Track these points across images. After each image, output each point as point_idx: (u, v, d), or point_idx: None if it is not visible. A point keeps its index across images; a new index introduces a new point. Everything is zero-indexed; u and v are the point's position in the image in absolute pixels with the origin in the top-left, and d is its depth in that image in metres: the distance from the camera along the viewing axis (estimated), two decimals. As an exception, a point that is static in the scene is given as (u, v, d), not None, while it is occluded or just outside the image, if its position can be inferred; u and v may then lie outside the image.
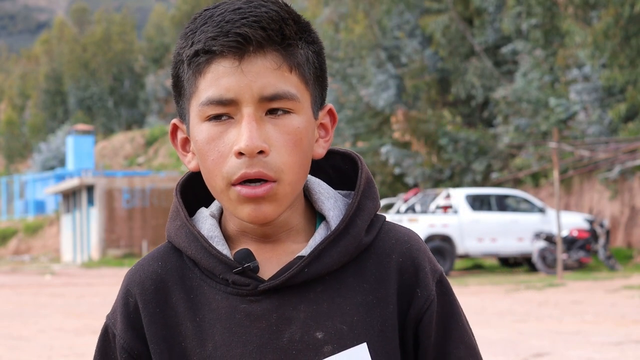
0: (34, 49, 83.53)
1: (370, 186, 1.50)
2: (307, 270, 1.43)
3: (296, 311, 1.43)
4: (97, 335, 1.57)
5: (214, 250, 1.45)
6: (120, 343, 1.49)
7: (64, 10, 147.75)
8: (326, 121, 1.49)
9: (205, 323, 1.45)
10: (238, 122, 1.39)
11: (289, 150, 1.40)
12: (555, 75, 28.15)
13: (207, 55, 1.40)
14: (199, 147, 1.43)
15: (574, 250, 22.00)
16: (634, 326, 11.53)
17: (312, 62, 1.44)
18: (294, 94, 1.41)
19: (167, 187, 39.26)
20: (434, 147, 29.66)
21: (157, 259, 1.51)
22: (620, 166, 24.72)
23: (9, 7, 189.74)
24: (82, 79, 63.69)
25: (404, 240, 1.48)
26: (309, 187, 1.50)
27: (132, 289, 1.50)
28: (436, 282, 1.48)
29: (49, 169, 57.50)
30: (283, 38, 1.40)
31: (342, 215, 1.47)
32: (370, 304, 1.44)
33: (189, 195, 1.54)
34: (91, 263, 36.66)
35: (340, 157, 1.54)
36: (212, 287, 1.46)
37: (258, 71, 1.39)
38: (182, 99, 1.46)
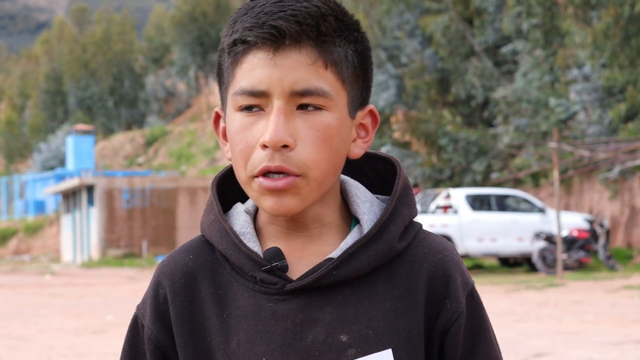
0: (34, 49, 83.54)
1: (407, 192, 1.49)
2: (335, 272, 1.42)
3: (322, 313, 1.42)
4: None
5: (244, 247, 1.44)
6: (148, 334, 1.49)
7: (64, 10, 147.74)
8: (366, 122, 1.48)
9: (231, 319, 1.45)
10: (268, 115, 1.39)
11: (317, 146, 1.39)
12: (555, 75, 28.15)
13: (244, 45, 1.40)
14: (231, 137, 1.43)
15: (574, 250, 22.00)
16: (634, 326, 11.53)
17: (351, 61, 1.42)
18: (327, 91, 1.39)
19: (167, 187, 39.26)
20: (434, 147, 29.66)
21: (189, 252, 1.51)
22: (620, 166, 24.72)
23: (9, 7, 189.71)
24: (82, 79, 63.69)
25: (438, 250, 1.47)
26: (346, 189, 1.49)
27: (163, 281, 1.50)
28: (467, 295, 1.47)
29: (49, 169, 57.50)
30: (319, 34, 1.39)
31: (376, 220, 1.46)
32: (398, 311, 1.43)
33: (226, 190, 1.53)
34: (91, 263, 36.66)
35: (382, 162, 1.53)
36: (241, 284, 1.46)
37: (291, 65, 1.38)
38: (222, 88, 1.47)
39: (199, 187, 39.50)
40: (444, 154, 29.48)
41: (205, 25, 61.74)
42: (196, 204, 39.29)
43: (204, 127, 55.09)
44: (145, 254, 36.65)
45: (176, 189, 39.24)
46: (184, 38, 62.40)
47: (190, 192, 39.34)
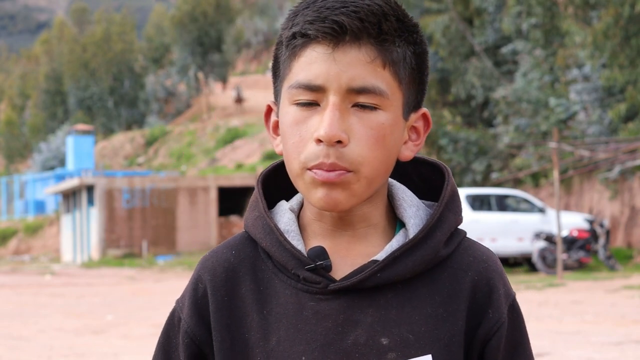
0: (34, 49, 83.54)
1: (454, 199, 1.49)
2: (379, 275, 1.41)
3: (364, 315, 1.42)
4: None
5: (288, 244, 1.44)
6: (184, 328, 1.49)
7: (64, 10, 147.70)
8: (419, 125, 1.47)
9: (271, 317, 1.44)
10: (323, 110, 1.38)
11: (370, 144, 1.38)
12: (555, 75, 28.15)
13: (303, 39, 1.39)
14: (283, 130, 1.43)
15: (574, 250, 22.00)
16: (634, 326, 11.53)
17: (409, 62, 1.42)
18: (383, 90, 1.39)
19: (167, 187, 39.25)
20: (434, 147, 29.66)
21: (231, 248, 1.51)
22: (620, 166, 24.72)
23: (9, 7, 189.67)
24: (82, 79, 63.68)
25: (482, 260, 1.47)
26: (393, 192, 1.49)
27: (203, 276, 1.50)
28: (509, 306, 1.47)
29: (49, 169, 57.49)
30: (380, 32, 1.39)
31: (422, 225, 1.46)
32: (440, 317, 1.43)
33: (271, 187, 1.53)
34: (91, 263, 36.66)
35: (429, 167, 1.53)
36: (283, 282, 1.45)
37: (350, 61, 1.38)
38: (277, 80, 1.46)
39: (199, 187, 39.50)
40: (444, 154, 29.48)
41: (205, 25, 61.73)
42: (196, 204, 39.29)
43: (204, 127, 55.08)
44: (145, 254, 36.64)
45: (176, 189, 39.23)
46: (184, 38, 62.40)
47: (190, 192, 39.33)
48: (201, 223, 39.03)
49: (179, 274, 27.99)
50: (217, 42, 62.40)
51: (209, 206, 39.26)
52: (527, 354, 1.50)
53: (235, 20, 65.30)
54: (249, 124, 52.95)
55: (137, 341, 11.30)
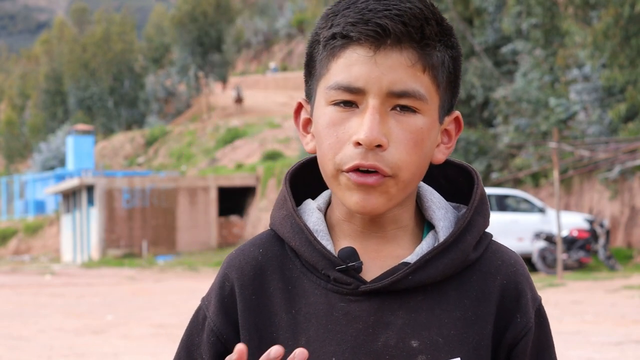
0: (34, 49, 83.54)
1: (483, 202, 1.49)
2: (411, 277, 1.41)
3: (394, 317, 1.42)
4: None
5: (318, 244, 1.43)
6: (211, 326, 1.48)
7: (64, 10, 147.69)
8: (451, 128, 1.48)
9: (300, 316, 1.44)
10: (362, 112, 1.38)
11: (408, 148, 1.39)
12: (555, 75, 28.14)
13: (344, 40, 1.39)
14: (319, 130, 1.42)
15: (574, 250, 21.99)
16: (634, 326, 11.53)
17: (447, 67, 1.42)
18: (423, 95, 1.39)
19: (167, 187, 39.25)
20: (434, 147, 29.64)
21: (258, 246, 1.50)
22: (620, 166, 24.72)
23: (9, 7, 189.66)
24: (82, 79, 63.67)
25: (510, 264, 1.48)
26: (421, 194, 1.49)
27: (230, 274, 1.49)
28: (535, 310, 1.48)
29: (49, 169, 57.48)
30: (422, 37, 1.39)
31: (451, 227, 1.46)
32: (469, 320, 1.43)
33: (297, 185, 1.53)
34: (91, 263, 36.65)
35: (455, 169, 1.54)
36: (312, 281, 1.45)
37: (391, 65, 1.37)
38: (312, 79, 1.45)
39: (199, 187, 39.50)
40: (444, 154, 29.44)
41: (205, 25, 61.72)
42: (196, 204, 39.29)
43: (204, 127, 55.08)
44: (145, 254, 36.64)
45: (176, 189, 39.23)
46: (184, 38, 62.40)
47: (190, 192, 39.33)
48: (201, 223, 39.03)
49: (179, 274, 27.98)
50: (217, 42, 62.39)
51: (209, 206, 39.25)
52: (553, 358, 1.50)
53: (235, 20, 65.29)
54: (249, 124, 52.94)
55: (137, 341, 11.30)
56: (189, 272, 28.52)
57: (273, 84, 69.72)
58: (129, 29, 65.36)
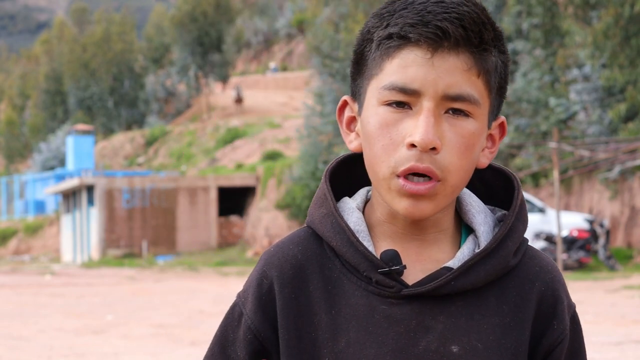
0: (34, 49, 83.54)
1: (522, 208, 1.49)
2: (453, 283, 1.41)
3: (435, 321, 1.41)
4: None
5: (361, 246, 1.43)
6: (248, 323, 1.47)
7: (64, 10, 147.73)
8: (495, 133, 1.48)
9: (340, 317, 1.43)
10: (416, 114, 1.37)
11: (460, 153, 1.38)
12: (555, 75, 28.15)
13: (401, 41, 1.38)
14: (369, 130, 1.41)
15: (574, 250, 21.99)
16: (634, 326, 11.54)
17: (499, 72, 1.42)
18: (477, 99, 1.39)
19: (167, 187, 39.25)
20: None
21: (297, 244, 1.48)
22: (620, 166, 24.72)
23: (9, 7, 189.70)
24: (82, 79, 63.67)
25: (548, 270, 1.48)
26: (459, 197, 1.48)
27: (269, 271, 1.47)
28: (570, 317, 1.48)
29: (49, 169, 57.49)
30: (480, 41, 1.38)
31: (490, 232, 1.46)
32: (507, 327, 1.43)
33: (334, 181, 1.51)
34: (91, 263, 36.65)
35: (492, 172, 1.53)
36: (352, 282, 1.44)
37: (448, 68, 1.37)
38: (361, 78, 1.44)
39: (199, 187, 39.50)
40: (444, 154, 29.47)
41: (205, 25, 61.72)
42: (196, 204, 39.30)
43: (204, 127, 55.08)
44: (145, 254, 36.64)
45: (176, 189, 39.23)
46: (184, 38, 62.39)
47: (190, 192, 39.33)
48: (201, 223, 39.03)
49: (179, 274, 27.98)
50: (217, 42, 62.39)
51: (209, 206, 39.25)
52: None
53: (235, 20, 65.28)
54: (249, 124, 52.93)
55: (137, 341, 11.30)
56: (189, 272, 28.53)
57: (273, 84, 69.71)
58: (129, 29, 65.36)
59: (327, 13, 36.66)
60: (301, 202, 34.24)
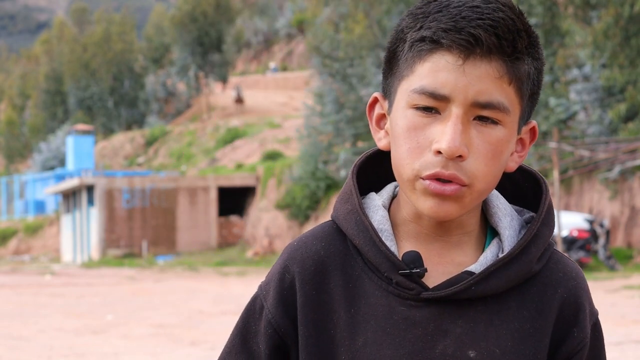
0: (34, 49, 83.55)
1: (549, 212, 1.47)
2: (474, 288, 1.40)
3: (453, 325, 1.40)
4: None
5: (383, 246, 1.42)
6: (268, 317, 1.46)
7: (64, 10, 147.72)
8: (526, 137, 1.46)
9: (359, 316, 1.42)
10: (444, 120, 1.36)
11: (488, 160, 1.37)
12: (555, 75, 28.15)
13: (433, 45, 1.37)
14: (397, 132, 1.40)
15: (574, 250, 21.99)
16: (634, 326, 11.53)
17: (532, 79, 1.41)
18: (507, 107, 1.37)
19: (167, 187, 39.25)
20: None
21: (320, 239, 1.47)
22: (620, 166, 24.72)
23: (9, 7, 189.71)
24: (82, 79, 63.68)
25: (572, 277, 1.46)
26: (487, 198, 1.47)
27: (292, 266, 1.46)
28: (592, 325, 1.47)
29: (49, 169, 57.49)
30: (514, 50, 1.37)
31: (516, 236, 1.44)
32: (527, 333, 1.42)
33: (361, 176, 1.51)
34: (91, 263, 36.65)
35: (520, 173, 1.51)
36: (373, 282, 1.43)
37: (479, 75, 1.36)
38: (392, 77, 1.43)
39: (199, 187, 39.50)
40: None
41: (205, 25, 61.72)
42: (196, 204, 39.29)
43: (204, 127, 55.09)
44: (145, 254, 36.64)
45: (176, 189, 39.23)
46: (184, 38, 62.39)
47: (190, 192, 39.33)
48: (201, 223, 39.03)
49: (179, 274, 27.98)
50: (217, 42, 62.39)
51: (209, 206, 39.25)
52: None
53: (235, 20, 65.28)
54: (249, 124, 52.94)
55: (137, 341, 11.30)
56: (189, 272, 28.52)
57: (273, 84, 69.71)
58: (129, 29, 65.36)
59: (327, 13, 36.66)
60: (301, 202, 34.25)
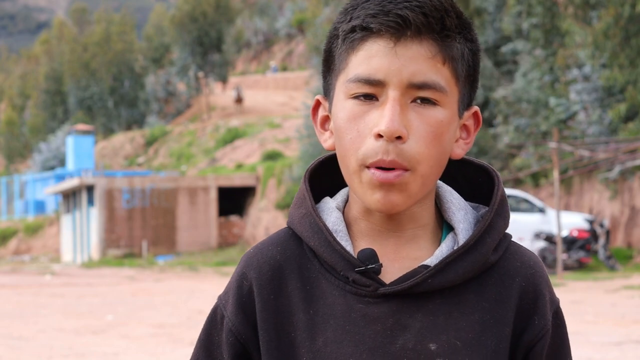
0: (34, 49, 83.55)
1: (503, 204, 1.47)
2: (430, 281, 1.40)
3: (412, 319, 1.41)
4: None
5: (338, 245, 1.42)
6: (229, 326, 1.47)
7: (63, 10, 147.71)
8: (470, 123, 1.47)
9: (318, 317, 1.43)
10: (382, 105, 1.37)
11: (428, 141, 1.37)
12: (555, 75, 28.15)
13: (364, 32, 1.38)
14: (339, 124, 1.41)
15: (574, 250, 21.99)
16: (634, 326, 11.53)
17: (466, 60, 1.42)
18: (443, 86, 1.38)
19: (167, 187, 39.24)
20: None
21: (276, 245, 1.48)
22: (620, 166, 24.72)
23: (9, 7, 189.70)
24: (82, 79, 63.67)
25: (529, 265, 1.47)
26: (440, 194, 1.48)
27: (249, 273, 1.47)
28: (553, 312, 1.48)
29: (49, 169, 57.48)
30: (442, 28, 1.38)
31: (470, 229, 1.45)
32: (487, 324, 1.42)
33: (315, 183, 1.51)
34: (91, 263, 36.65)
35: (474, 169, 1.52)
36: (330, 282, 1.44)
37: (412, 56, 1.37)
38: (330, 75, 1.45)
39: (199, 187, 39.49)
40: (444, 154, 29.46)
41: (205, 25, 61.71)
42: (196, 204, 39.29)
43: (204, 127, 55.08)
44: (145, 254, 36.64)
45: (176, 189, 39.23)
46: (184, 38, 62.38)
47: (190, 192, 39.33)
48: (201, 223, 39.03)
49: (179, 274, 27.98)
50: (217, 42, 62.37)
51: (209, 206, 39.25)
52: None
53: (235, 20, 65.26)
54: (249, 124, 52.93)
55: (137, 341, 11.30)
56: (189, 272, 28.52)
57: (273, 84, 69.71)
58: (129, 29, 65.35)
59: (327, 13, 36.65)
60: (301, 202, 34.22)
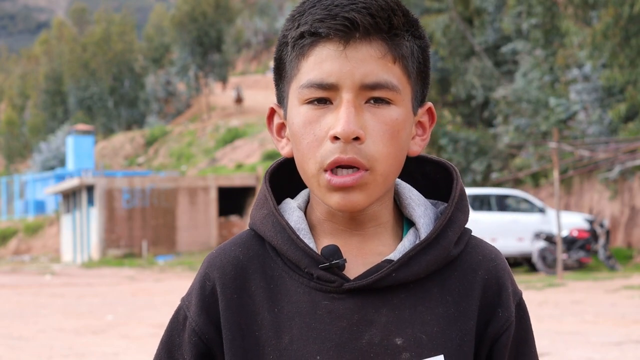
0: (34, 49, 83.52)
1: (462, 199, 1.49)
2: (394, 275, 1.41)
3: (378, 314, 1.41)
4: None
5: (301, 242, 1.43)
6: (192, 326, 1.47)
7: (63, 10, 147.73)
8: (424, 120, 1.48)
9: (283, 315, 1.43)
10: (337, 107, 1.38)
11: (385, 140, 1.39)
12: (555, 75, 28.15)
13: (313, 38, 1.39)
14: (295, 130, 1.41)
15: (574, 250, 21.99)
16: (634, 326, 11.53)
17: (416, 57, 1.43)
18: (396, 85, 1.39)
19: (167, 187, 39.24)
20: (434, 147, 29.66)
21: (239, 245, 1.49)
22: (620, 166, 24.72)
23: (9, 7, 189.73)
24: (82, 79, 63.68)
25: (491, 258, 1.49)
26: (399, 191, 1.49)
27: (211, 273, 1.48)
28: (516, 304, 1.48)
29: (49, 169, 57.49)
30: (390, 27, 1.39)
31: (431, 224, 1.46)
32: (452, 317, 1.43)
33: (276, 184, 1.52)
34: (91, 263, 36.65)
35: (433, 166, 1.53)
36: (294, 280, 1.44)
37: (362, 58, 1.38)
38: (283, 82, 1.46)
39: (199, 187, 39.49)
40: (443, 153, 29.49)
41: (205, 25, 61.70)
42: (196, 204, 39.29)
43: (204, 127, 55.08)
44: (145, 254, 36.64)
45: (176, 189, 39.23)
46: (184, 38, 62.36)
47: (190, 192, 39.33)
48: (201, 223, 39.03)
49: (179, 274, 27.98)
50: (217, 42, 62.36)
51: (209, 206, 39.26)
52: (533, 352, 1.51)
53: (235, 20, 65.26)
54: (249, 124, 52.93)
55: (137, 341, 11.30)
56: (189, 272, 28.52)
57: (273, 84, 69.65)
58: (129, 29, 65.37)
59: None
60: (301, 202, 34.23)
